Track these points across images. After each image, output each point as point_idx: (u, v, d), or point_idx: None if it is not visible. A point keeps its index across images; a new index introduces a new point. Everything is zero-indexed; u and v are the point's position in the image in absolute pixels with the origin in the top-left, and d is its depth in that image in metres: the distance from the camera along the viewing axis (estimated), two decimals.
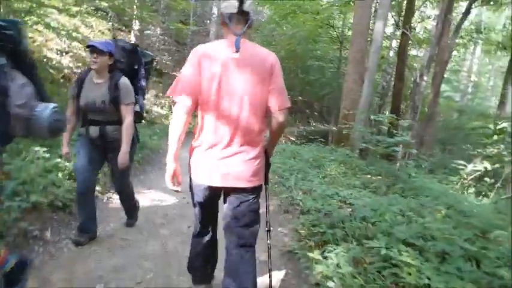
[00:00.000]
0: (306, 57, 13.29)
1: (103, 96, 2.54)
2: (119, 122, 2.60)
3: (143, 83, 2.88)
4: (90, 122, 2.61)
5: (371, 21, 10.12)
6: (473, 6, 9.43)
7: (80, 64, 10.45)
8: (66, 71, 9.76)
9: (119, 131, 2.59)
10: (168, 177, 1.69)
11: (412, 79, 13.94)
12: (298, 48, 12.60)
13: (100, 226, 3.16)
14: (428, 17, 13.67)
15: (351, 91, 9.03)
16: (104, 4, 7.63)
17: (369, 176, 5.30)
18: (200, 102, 1.63)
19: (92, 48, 2.49)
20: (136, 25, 10.38)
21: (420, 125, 9.42)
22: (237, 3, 1.59)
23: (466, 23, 12.34)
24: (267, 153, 1.84)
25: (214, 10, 14.06)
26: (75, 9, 10.07)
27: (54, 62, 9.29)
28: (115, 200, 4.02)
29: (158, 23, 12.65)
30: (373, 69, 8.11)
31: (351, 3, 11.31)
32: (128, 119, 2.59)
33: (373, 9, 10.29)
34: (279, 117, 1.65)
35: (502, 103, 11.46)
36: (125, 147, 2.56)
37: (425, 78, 9.97)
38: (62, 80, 9.24)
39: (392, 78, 14.37)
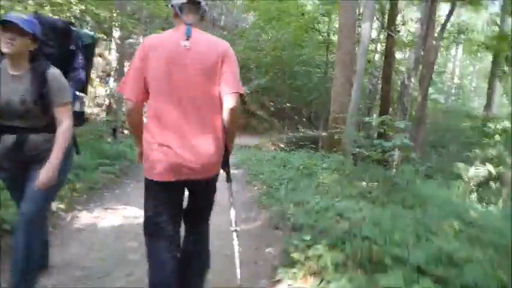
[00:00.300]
0: (292, 62, 12.93)
1: (23, 94, 1.77)
2: (48, 128, 1.84)
3: (82, 74, 2.04)
4: (4, 129, 1.82)
5: (356, 24, 9.85)
6: (456, 6, 9.20)
7: None
8: None
9: (50, 141, 1.82)
10: (138, 158, 1.77)
11: (399, 82, 13.74)
12: (284, 54, 12.24)
13: (57, 253, 2.60)
14: (411, 20, 13.52)
15: (339, 94, 8.69)
16: (81, 7, 6.97)
17: (364, 183, 4.85)
18: (150, 93, 1.55)
19: (7, 25, 1.69)
20: (116, 33, 9.84)
21: (412, 128, 9.09)
22: None
23: (448, 25, 12.23)
24: (227, 149, 1.73)
25: None
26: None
27: None
28: (82, 218, 3.45)
29: (141, 31, 12.14)
30: (361, 71, 7.76)
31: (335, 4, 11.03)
32: (64, 123, 1.82)
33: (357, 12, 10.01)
34: (229, 102, 1.55)
35: (488, 104, 11.32)
36: (54, 160, 1.76)
37: (412, 80, 9.68)
38: None
39: (379, 81, 14.15)
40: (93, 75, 11.00)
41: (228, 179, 1.81)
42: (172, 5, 1.60)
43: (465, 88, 21.26)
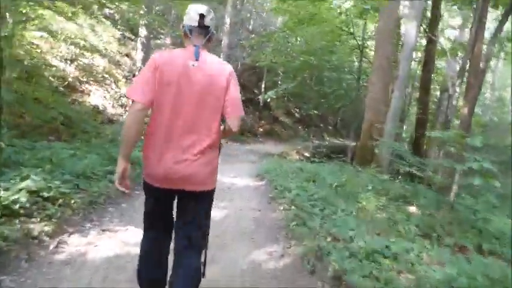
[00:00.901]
0: (322, 68, 11.94)
1: None
2: None
3: None
4: None
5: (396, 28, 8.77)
6: None
7: (86, 73, 9.50)
8: (70, 79, 8.76)
9: None
10: (117, 176, 1.63)
11: (437, 92, 12.43)
12: (314, 59, 11.28)
13: None
14: (452, 27, 12.20)
15: (375, 101, 7.68)
16: (112, 6, 6.50)
17: (414, 208, 3.86)
18: (156, 106, 1.57)
19: None
20: (143, 32, 9.33)
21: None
22: (197, 17, 1.61)
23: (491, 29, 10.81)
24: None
25: (227, 20, 12.98)
26: (83, 17, 9.19)
27: (54, 69, 8.26)
28: (71, 246, 2.71)
29: (168, 32, 11.66)
30: (404, 77, 6.74)
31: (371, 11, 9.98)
32: None
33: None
34: (233, 125, 1.63)
35: None
36: None
37: (457, 89, 8.47)
38: (63, 89, 8.21)
39: (412, 90, 12.90)
40: (119, 75, 10.59)
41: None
42: (183, 25, 1.67)
43: (505, 101, 19.29)
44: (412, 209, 3.86)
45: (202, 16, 1.60)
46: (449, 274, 1.97)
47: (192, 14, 1.62)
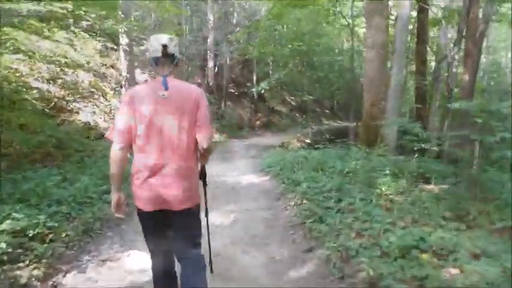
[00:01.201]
0: (312, 52, 11.52)
1: None
2: None
3: None
4: None
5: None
6: None
7: (71, 90, 9.06)
8: (56, 100, 8.32)
9: None
10: (113, 206, 1.76)
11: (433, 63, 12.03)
12: (303, 44, 10.87)
13: None
14: None
15: (373, 80, 7.31)
16: (83, 13, 6.04)
17: (436, 188, 3.55)
18: (135, 138, 1.68)
19: None
20: (124, 40, 8.90)
21: None
22: (161, 48, 1.67)
23: None
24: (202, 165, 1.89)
25: (210, 16, 12.51)
26: (60, 34, 8.72)
27: (35, 91, 7.84)
28: (66, 287, 2.39)
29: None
30: (401, 51, 6.38)
31: None
32: None
33: None
34: (203, 144, 1.72)
35: None
36: None
37: (456, 57, 8.11)
38: (49, 111, 7.81)
39: (406, 62, 12.48)
40: (106, 87, 10.19)
41: (204, 184, 1.92)
42: (149, 59, 1.73)
43: (501, 64, 18.83)
44: (434, 188, 3.55)
45: (165, 46, 1.66)
46: (506, 267, 1.66)
47: (155, 46, 1.67)
